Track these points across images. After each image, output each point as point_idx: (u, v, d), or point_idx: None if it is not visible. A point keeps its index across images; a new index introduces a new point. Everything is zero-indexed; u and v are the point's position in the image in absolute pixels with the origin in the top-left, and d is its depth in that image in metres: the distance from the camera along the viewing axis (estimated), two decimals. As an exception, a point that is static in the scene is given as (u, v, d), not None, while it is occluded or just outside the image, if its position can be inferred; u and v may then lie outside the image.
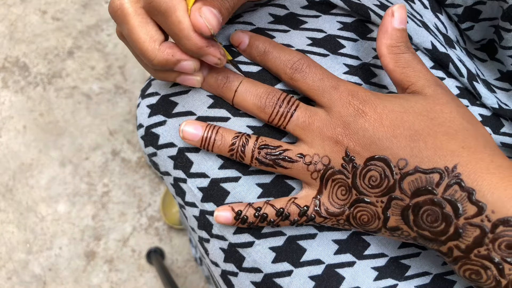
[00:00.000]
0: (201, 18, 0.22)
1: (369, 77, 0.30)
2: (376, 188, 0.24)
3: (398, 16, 0.26)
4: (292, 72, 0.27)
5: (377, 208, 0.25)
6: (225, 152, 0.27)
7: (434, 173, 0.23)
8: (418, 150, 0.23)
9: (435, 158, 0.23)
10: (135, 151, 0.98)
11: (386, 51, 0.26)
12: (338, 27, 0.31)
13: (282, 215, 0.27)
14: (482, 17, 0.33)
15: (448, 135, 0.23)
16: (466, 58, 0.33)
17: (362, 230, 0.26)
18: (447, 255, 0.24)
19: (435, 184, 0.23)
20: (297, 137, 0.27)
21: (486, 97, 0.31)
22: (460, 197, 0.22)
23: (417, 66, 0.26)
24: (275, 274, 0.29)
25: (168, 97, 0.31)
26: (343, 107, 0.25)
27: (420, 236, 0.24)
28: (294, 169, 0.26)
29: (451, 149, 0.23)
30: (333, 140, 0.25)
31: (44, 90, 1.01)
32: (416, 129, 0.24)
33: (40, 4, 1.07)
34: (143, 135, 0.33)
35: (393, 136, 0.24)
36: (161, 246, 0.93)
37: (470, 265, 0.23)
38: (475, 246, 0.22)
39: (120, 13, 0.25)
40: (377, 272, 0.29)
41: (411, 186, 0.23)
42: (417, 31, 0.30)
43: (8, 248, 0.93)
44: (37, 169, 0.97)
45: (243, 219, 0.27)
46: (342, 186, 0.26)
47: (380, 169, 0.24)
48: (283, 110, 0.27)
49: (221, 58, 0.25)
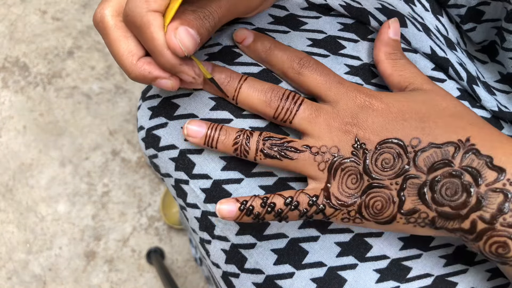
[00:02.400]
0: (175, 39, 0.22)
1: (370, 78, 0.30)
2: (389, 170, 0.24)
3: (393, 28, 0.29)
4: (300, 67, 0.27)
5: (392, 191, 0.24)
6: (229, 147, 0.27)
7: (449, 146, 0.23)
8: (430, 129, 0.24)
9: (447, 133, 0.23)
10: (135, 151, 0.98)
11: (384, 57, 0.28)
12: (339, 28, 0.31)
13: (291, 204, 0.25)
14: (485, 18, 0.33)
15: (454, 116, 0.24)
16: (467, 60, 0.34)
17: (375, 222, 0.25)
18: (470, 231, 0.23)
19: (451, 156, 0.23)
20: (303, 131, 0.27)
21: (486, 100, 0.31)
22: (478, 165, 0.22)
23: (413, 69, 0.28)
24: (276, 276, 0.29)
25: (169, 100, 0.31)
26: (350, 100, 0.26)
27: (440, 214, 0.23)
28: (301, 160, 0.26)
29: (461, 126, 0.24)
30: (342, 130, 0.25)
31: (44, 90, 1.01)
32: (423, 112, 0.24)
33: (40, 4, 1.07)
34: (144, 137, 0.33)
35: (403, 119, 0.24)
36: (161, 246, 0.93)
37: (496, 237, 0.22)
38: (500, 214, 0.22)
39: (101, 26, 0.25)
40: (379, 274, 0.29)
41: (426, 162, 0.23)
42: (416, 36, 0.31)
43: (8, 248, 0.93)
44: (37, 169, 0.96)
45: (248, 210, 0.25)
46: (353, 174, 0.25)
47: (393, 151, 0.24)
48: (288, 104, 0.26)
49: (195, 77, 0.25)
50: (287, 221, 0.27)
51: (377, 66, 0.29)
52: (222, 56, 0.30)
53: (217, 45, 0.31)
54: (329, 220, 0.26)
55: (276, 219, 0.26)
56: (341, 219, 0.26)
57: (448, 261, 0.30)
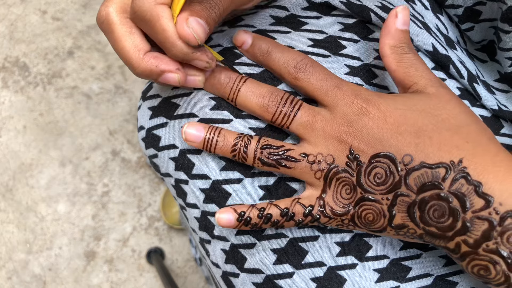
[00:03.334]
0: (188, 28, 0.23)
1: (370, 78, 0.30)
2: (381, 185, 0.24)
3: (402, 17, 0.26)
4: (296, 71, 0.27)
5: (383, 205, 0.24)
6: (227, 153, 0.27)
7: (440, 167, 0.23)
8: (423, 146, 0.23)
9: (440, 153, 0.23)
10: (135, 151, 0.98)
11: (389, 51, 0.26)
12: (339, 28, 0.31)
13: (287, 216, 0.26)
14: (482, 18, 0.33)
15: (452, 130, 0.24)
16: (467, 59, 0.33)
17: (367, 230, 0.26)
18: (455, 251, 0.23)
19: (441, 178, 0.23)
20: (300, 137, 0.27)
21: (486, 98, 0.31)
22: (467, 191, 0.22)
23: (419, 66, 0.26)
24: (276, 276, 0.29)
25: (169, 99, 0.31)
26: (346, 106, 0.25)
27: (427, 233, 0.24)
28: (298, 169, 0.26)
29: (456, 144, 0.23)
30: (337, 139, 0.25)
31: (44, 90, 1.01)
32: (419, 125, 0.24)
33: (40, 4, 1.07)
34: (144, 137, 0.33)
35: (397, 133, 0.24)
36: (161, 246, 0.93)
37: (478, 261, 0.23)
38: (483, 240, 0.22)
39: (106, 23, 0.25)
40: (379, 274, 0.29)
41: (417, 181, 0.23)
42: (418, 33, 0.30)
43: (8, 248, 0.93)
44: (37, 169, 0.96)
45: (246, 221, 0.26)
46: (347, 185, 0.25)
47: (385, 166, 0.24)
48: (286, 109, 0.26)
49: (209, 62, 0.25)
50: (284, 228, 0.28)
51: (382, 59, 0.28)
52: (223, 56, 0.30)
53: (218, 46, 0.31)
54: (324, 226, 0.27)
55: (273, 227, 0.27)
56: (336, 225, 0.27)
57: (448, 261, 0.30)
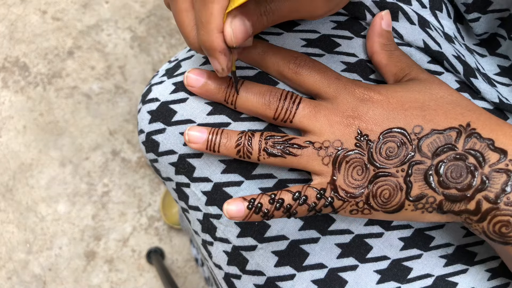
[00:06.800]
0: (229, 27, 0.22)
1: (367, 73, 0.31)
2: (394, 158, 0.24)
3: (386, 20, 0.29)
4: (296, 66, 0.27)
5: (398, 178, 0.24)
6: (232, 150, 0.27)
7: (451, 131, 0.24)
8: (430, 116, 0.24)
9: (448, 120, 0.24)
10: (135, 151, 0.98)
11: (379, 48, 0.29)
12: (332, 26, 0.31)
13: (300, 199, 0.25)
14: (491, 8, 0.33)
15: (453, 104, 0.25)
16: (466, 53, 0.33)
17: (383, 212, 0.25)
18: (475, 212, 0.23)
19: (453, 140, 0.24)
20: (304, 129, 0.27)
21: (486, 91, 0.31)
22: (481, 147, 0.23)
23: (408, 60, 0.29)
24: (277, 278, 0.29)
25: (167, 104, 0.31)
26: (348, 94, 0.26)
27: (447, 197, 0.24)
28: (304, 156, 0.26)
29: (460, 112, 0.24)
30: (343, 124, 0.25)
31: (44, 90, 1.01)
32: (422, 101, 0.25)
33: (40, 4, 1.07)
34: (144, 140, 0.33)
35: (403, 109, 0.25)
36: (161, 246, 0.94)
37: (500, 216, 0.23)
38: (503, 193, 0.22)
39: None
40: (380, 275, 0.29)
41: (430, 147, 0.24)
42: (408, 29, 0.31)
43: (8, 248, 0.93)
44: (37, 169, 0.96)
45: (257, 208, 0.25)
46: (358, 165, 0.25)
47: (397, 139, 0.24)
48: (287, 104, 0.27)
49: (224, 69, 0.24)
50: (296, 216, 0.26)
51: (372, 57, 0.29)
52: None
53: None
54: (337, 213, 0.26)
55: (285, 215, 0.26)
56: (350, 211, 0.26)
57: (448, 261, 0.30)
